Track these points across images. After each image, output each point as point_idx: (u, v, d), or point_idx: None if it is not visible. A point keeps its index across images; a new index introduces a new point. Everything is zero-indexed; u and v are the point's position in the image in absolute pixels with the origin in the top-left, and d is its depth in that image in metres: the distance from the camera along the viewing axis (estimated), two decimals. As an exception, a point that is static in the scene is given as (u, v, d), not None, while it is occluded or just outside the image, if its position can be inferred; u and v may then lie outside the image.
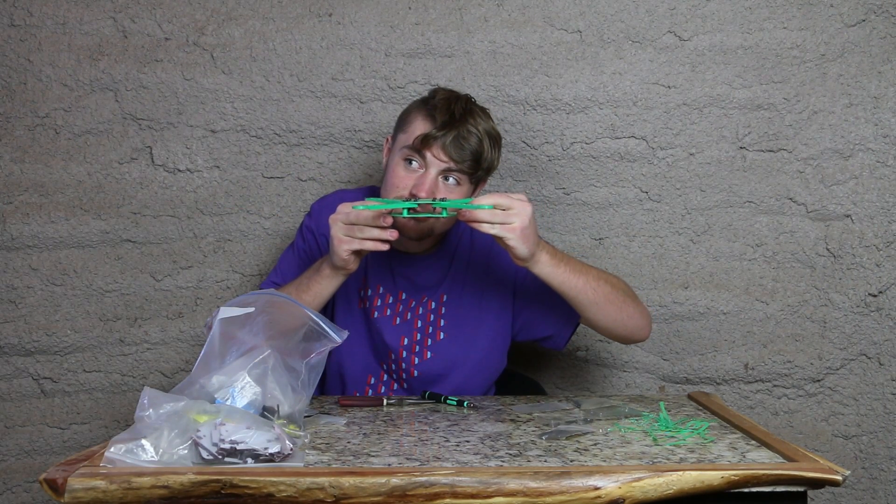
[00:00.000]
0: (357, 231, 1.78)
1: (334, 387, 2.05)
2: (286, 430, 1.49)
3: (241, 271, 2.37)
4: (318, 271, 1.87)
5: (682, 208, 2.37)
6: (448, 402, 1.86)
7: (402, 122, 1.96)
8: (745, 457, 1.45)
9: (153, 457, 1.36)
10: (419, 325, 2.01)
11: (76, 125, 2.33)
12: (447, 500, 1.29)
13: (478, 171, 1.92)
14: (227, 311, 1.55)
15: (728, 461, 1.42)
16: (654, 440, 1.54)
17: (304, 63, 2.34)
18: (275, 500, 1.29)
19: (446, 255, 2.04)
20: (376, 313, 2.01)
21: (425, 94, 2.05)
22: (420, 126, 1.90)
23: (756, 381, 2.39)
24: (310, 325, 1.57)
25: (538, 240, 1.81)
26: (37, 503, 2.38)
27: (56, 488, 1.28)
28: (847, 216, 2.36)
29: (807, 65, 2.34)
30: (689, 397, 1.95)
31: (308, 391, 1.57)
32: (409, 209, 1.80)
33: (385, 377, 2.03)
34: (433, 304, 2.02)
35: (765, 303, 2.38)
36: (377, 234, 1.78)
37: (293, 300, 1.63)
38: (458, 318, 2.02)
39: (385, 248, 1.80)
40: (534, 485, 1.30)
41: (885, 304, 2.38)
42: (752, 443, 1.53)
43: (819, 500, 2.41)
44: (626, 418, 1.70)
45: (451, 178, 1.90)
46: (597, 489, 1.31)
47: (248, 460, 1.37)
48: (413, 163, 1.90)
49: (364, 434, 1.60)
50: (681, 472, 1.33)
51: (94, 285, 2.35)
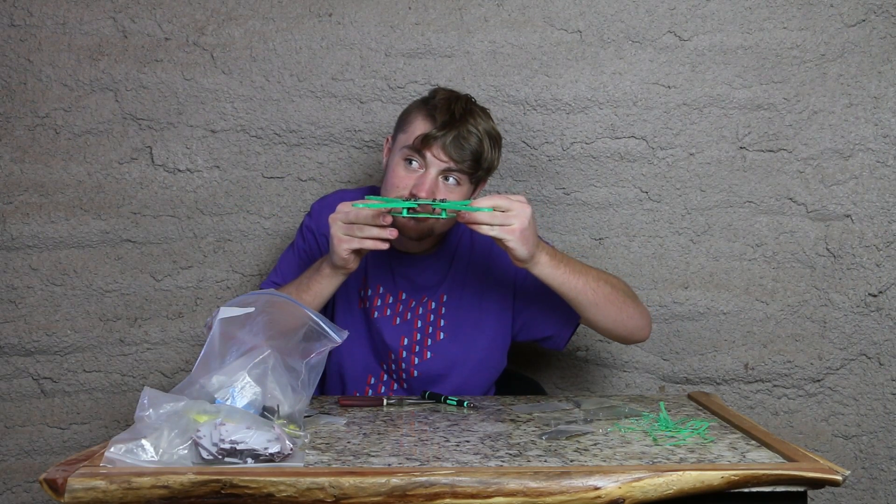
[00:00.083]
0: (357, 230, 1.78)
1: (334, 387, 2.05)
2: (286, 430, 1.49)
3: (241, 271, 2.37)
4: (318, 271, 1.87)
5: (682, 208, 2.37)
6: (448, 402, 1.86)
7: (402, 122, 1.96)
8: (745, 457, 1.45)
9: (153, 457, 1.36)
10: (419, 325, 2.01)
11: (76, 125, 2.33)
12: (447, 500, 1.29)
13: (478, 171, 1.92)
14: (227, 311, 1.55)
15: (728, 461, 1.42)
16: (654, 440, 1.54)
17: (304, 63, 2.34)
18: (275, 500, 1.29)
19: (446, 256, 2.04)
20: (376, 313, 2.01)
21: (425, 94, 2.05)
22: (420, 126, 1.90)
23: (756, 381, 2.39)
24: (310, 325, 1.57)
25: (538, 241, 1.81)
26: (37, 503, 2.38)
27: (56, 488, 1.28)
28: (847, 216, 2.36)
29: (807, 65, 2.34)
30: (689, 397, 1.95)
31: (308, 391, 1.57)
32: (409, 209, 1.80)
33: (385, 377, 2.03)
34: (433, 304, 2.02)
35: (765, 303, 2.38)
36: (377, 233, 1.78)
37: (293, 300, 1.63)
38: (458, 318, 2.02)
39: (385, 247, 1.80)
40: (534, 485, 1.30)
41: (885, 304, 2.37)
42: (752, 443, 1.53)
43: (819, 500, 2.41)
44: (626, 418, 1.70)
45: (451, 178, 1.90)
46: (597, 489, 1.31)
47: (248, 460, 1.37)
48: (413, 163, 1.90)
49: (364, 434, 1.60)
50: (681, 472, 1.33)
51: (94, 285, 2.35)
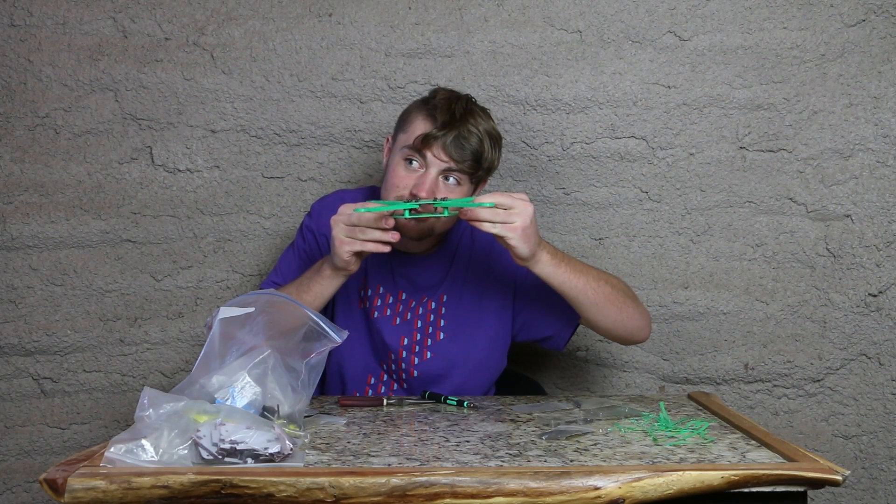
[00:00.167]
0: (359, 232, 1.78)
1: (334, 387, 2.05)
2: (286, 430, 1.49)
3: (241, 271, 2.37)
4: (318, 272, 1.87)
5: (682, 208, 2.37)
6: (448, 402, 1.86)
7: (403, 122, 1.96)
8: (745, 457, 1.45)
9: (153, 457, 1.36)
10: (419, 325, 2.01)
11: (76, 125, 2.33)
12: (447, 500, 1.29)
13: (478, 171, 1.92)
14: (227, 311, 1.55)
15: (728, 461, 1.42)
16: (654, 440, 1.54)
17: (304, 63, 2.34)
18: (275, 500, 1.29)
19: (446, 256, 2.04)
20: (376, 313, 2.01)
21: (425, 94, 2.05)
22: (420, 126, 1.90)
23: (756, 381, 2.39)
24: (310, 325, 1.57)
25: (539, 239, 1.81)
26: (37, 503, 2.38)
27: (56, 488, 1.28)
28: (847, 216, 2.36)
29: (807, 65, 2.34)
30: (689, 397, 1.95)
31: (308, 391, 1.57)
32: (411, 209, 1.80)
33: (385, 377, 2.03)
34: (433, 304, 2.02)
35: (765, 303, 2.38)
36: (379, 235, 1.78)
37: (293, 300, 1.63)
38: (458, 318, 2.02)
39: (387, 249, 1.80)
40: (534, 485, 1.30)
41: (885, 304, 2.37)
42: (752, 443, 1.53)
43: (819, 500, 2.41)
44: (626, 418, 1.70)
45: (451, 178, 1.90)
46: (597, 489, 1.31)
47: (248, 460, 1.37)
48: (413, 163, 1.90)
49: (364, 434, 1.60)
50: (681, 472, 1.33)
51: (94, 285, 2.35)
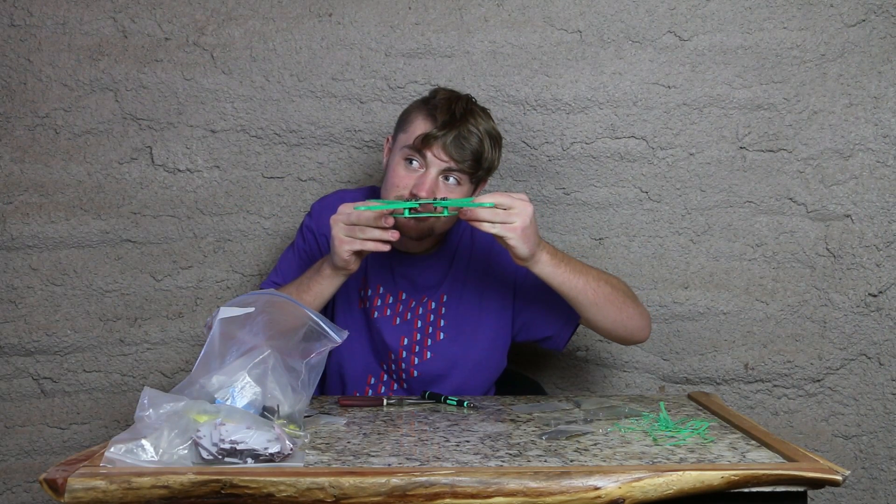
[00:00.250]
0: (358, 231, 1.78)
1: (334, 387, 2.05)
2: (286, 430, 1.49)
3: (241, 271, 2.37)
4: (318, 271, 1.87)
5: (682, 208, 2.37)
6: (448, 402, 1.86)
7: (403, 121, 1.96)
8: (745, 457, 1.45)
9: (153, 457, 1.36)
10: (419, 325, 2.01)
11: (76, 125, 2.33)
12: (447, 500, 1.29)
13: (478, 170, 1.92)
14: (227, 311, 1.55)
15: (728, 461, 1.42)
16: (654, 440, 1.54)
17: (304, 63, 2.34)
18: (275, 500, 1.29)
19: (446, 256, 2.04)
20: (376, 313, 2.01)
21: (425, 94, 2.05)
22: (420, 126, 1.90)
23: (756, 381, 2.39)
24: (310, 325, 1.57)
25: (539, 240, 1.81)
26: (37, 503, 2.38)
27: (56, 488, 1.28)
28: (847, 216, 2.36)
29: (807, 65, 2.34)
30: (689, 397, 1.95)
31: (308, 391, 1.57)
32: (411, 209, 1.80)
33: (385, 377, 2.03)
34: (433, 304, 2.02)
35: (765, 303, 2.38)
36: (378, 234, 1.78)
37: (293, 300, 1.63)
38: (458, 318, 2.02)
39: (386, 248, 1.80)
40: (534, 485, 1.30)
41: (885, 304, 2.37)
42: (752, 443, 1.53)
43: (819, 500, 2.41)
44: (626, 418, 1.69)
45: (451, 178, 1.90)
46: (597, 489, 1.31)
47: (248, 460, 1.37)
48: (413, 162, 1.90)
49: (364, 434, 1.60)
50: (681, 472, 1.33)
51: (94, 285, 2.35)
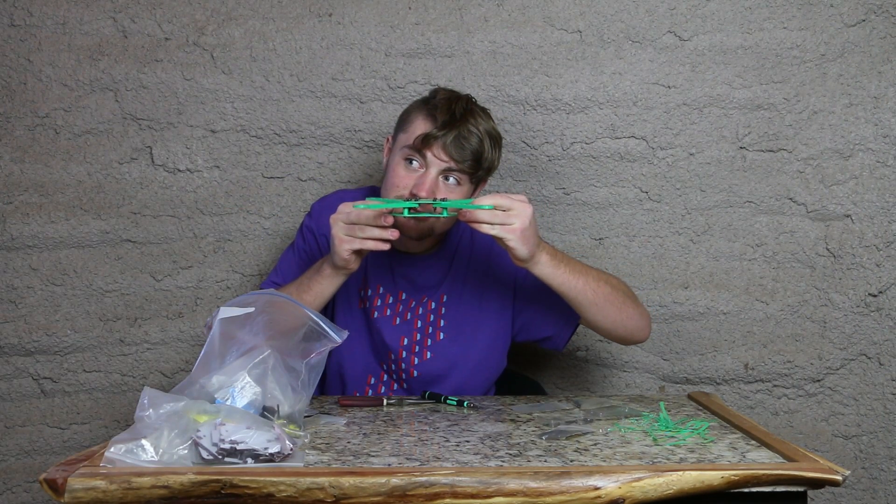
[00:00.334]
0: (358, 231, 1.78)
1: (334, 387, 2.05)
2: (286, 430, 1.49)
3: (241, 271, 2.37)
4: (318, 271, 1.87)
5: (682, 208, 2.37)
6: (448, 402, 1.86)
7: (403, 121, 1.96)
8: (745, 457, 1.45)
9: (153, 457, 1.36)
10: (419, 325, 2.01)
11: (76, 125, 2.33)
12: (447, 500, 1.29)
13: (478, 171, 1.92)
14: (227, 311, 1.55)
15: (728, 461, 1.42)
16: (654, 440, 1.54)
17: (304, 63, 2.34)
18: (275, 500, 1.29)
19: (446, 256, 2.04)
20: (376, 313, 2.01)
21: (425, 94, 2.05)
22: (421, 126, 1.90)
23: (756, 381, 2.39)
24: (310, 325, 1.57)
25: (538, 241, 1.81)
26: (37, 503, 2.38)
27: (56, 488, 1.28)
28: (847, 216, 2.36)
29: (807, 65, 2.34)
30: (689, 397, 1.95)
31: (308, 391, 1.57)
32: (410, 209, 1.80)
33: (385, 377, 2.03)
34: (433, 304, 2.02)
35: (765, 303, 2.38)
36: (378, 233, 1.78)
37: (293, 300, 1.63)
38: (458, 318, 2.01)
39: (386, 247, 1.80)
40: (534, 485, 1.30)
41: (885, 304, 2.37)
42: (752, 443, 1.53)
43: (819, 500, 2.41)
44: (626, 418, 1.69)
45: (451, 178, 1.90)
46: (597, 489, 1.31)
47: (248, 460, 1.37)
48: (413, 162, 1.90)
49: (364, 434, 1.60)
50: (681, 472, 1.33)
51: (94, 285, 2.35)
